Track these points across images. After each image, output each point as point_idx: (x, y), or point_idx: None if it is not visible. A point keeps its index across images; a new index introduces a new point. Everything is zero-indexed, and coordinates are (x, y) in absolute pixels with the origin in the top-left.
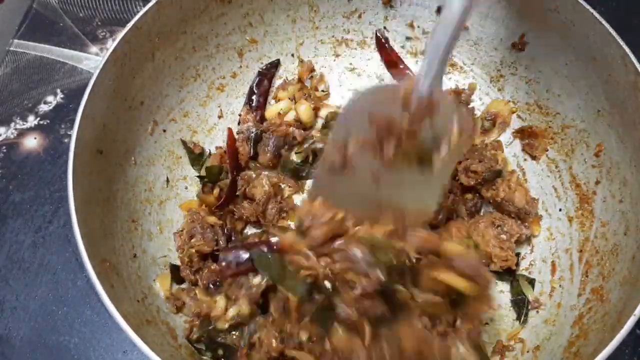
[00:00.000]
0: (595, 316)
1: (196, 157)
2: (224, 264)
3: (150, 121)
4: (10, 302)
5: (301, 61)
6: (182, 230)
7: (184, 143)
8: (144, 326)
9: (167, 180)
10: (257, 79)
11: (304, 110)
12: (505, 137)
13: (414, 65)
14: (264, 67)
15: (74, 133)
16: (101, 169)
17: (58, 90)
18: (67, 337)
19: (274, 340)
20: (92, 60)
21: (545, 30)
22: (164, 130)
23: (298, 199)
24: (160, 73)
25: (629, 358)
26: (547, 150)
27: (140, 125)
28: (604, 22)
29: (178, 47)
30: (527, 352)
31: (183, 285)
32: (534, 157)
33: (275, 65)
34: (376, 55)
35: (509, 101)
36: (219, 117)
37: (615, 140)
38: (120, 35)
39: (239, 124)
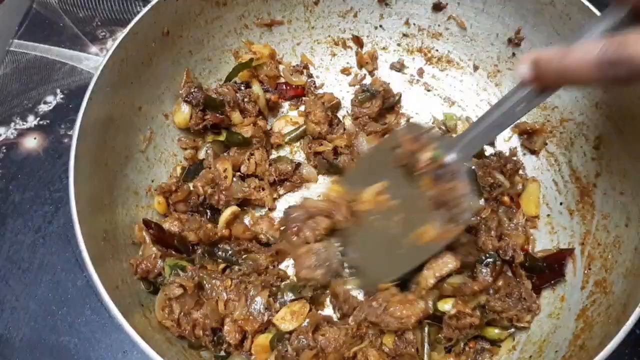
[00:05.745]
0: (599, 309)
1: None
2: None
3: (149, 125)
4: (10, 302)
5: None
6: None
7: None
8: (149, 329)
9: None
10: None
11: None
12: (504, 132)
13: (411, 62)
14: None
15: (74, 138)
16: (101, 170)
17: (58, 90)
18: (67, 337)
19: None
20: (92, 60)
21: (541, 24)
22: (163, 135)
23: None
24: (157, 77)
25: (628, 358)
26: (546, 144)
27: (139, 129)
28: (599, 14)
29: (175, 51)
30: (533, 345)
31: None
32: (533, 152)
33: None
34: None
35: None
36: None
37: (613, 132)
38: (116, 41)
39: None
